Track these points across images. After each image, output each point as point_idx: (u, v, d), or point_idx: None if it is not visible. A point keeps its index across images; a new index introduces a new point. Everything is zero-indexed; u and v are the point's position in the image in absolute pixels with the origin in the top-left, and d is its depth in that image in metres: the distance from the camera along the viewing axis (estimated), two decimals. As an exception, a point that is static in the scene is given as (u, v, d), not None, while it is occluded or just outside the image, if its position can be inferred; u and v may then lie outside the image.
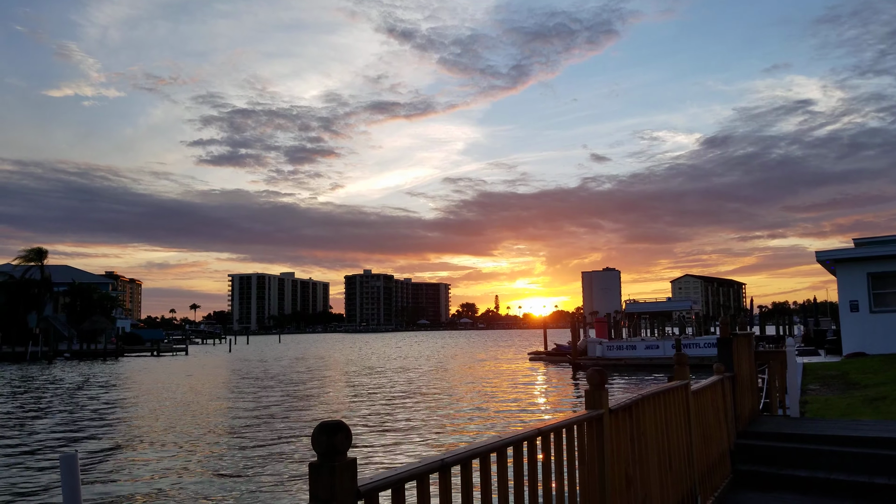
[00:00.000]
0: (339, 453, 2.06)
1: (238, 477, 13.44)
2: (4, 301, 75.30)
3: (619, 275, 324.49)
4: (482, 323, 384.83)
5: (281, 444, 17.08)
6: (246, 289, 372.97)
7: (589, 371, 4.35)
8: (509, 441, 3.17)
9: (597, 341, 45.45)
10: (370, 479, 2.25)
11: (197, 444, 17.34)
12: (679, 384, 6.22)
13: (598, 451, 4.16)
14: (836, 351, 31.59)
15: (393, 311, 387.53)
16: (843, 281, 27.06)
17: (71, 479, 3.40)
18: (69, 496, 3.44)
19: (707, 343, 38.82)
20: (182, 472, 13.92)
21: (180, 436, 18.64)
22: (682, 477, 6.00)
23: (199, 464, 14.78)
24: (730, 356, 9.01)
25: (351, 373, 44.22)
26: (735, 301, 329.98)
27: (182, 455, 15.81)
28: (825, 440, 8.52)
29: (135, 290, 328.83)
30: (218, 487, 12.65)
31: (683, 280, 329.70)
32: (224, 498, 11.89)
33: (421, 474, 2.51)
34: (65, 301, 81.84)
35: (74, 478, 3.44)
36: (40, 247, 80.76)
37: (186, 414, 23.43)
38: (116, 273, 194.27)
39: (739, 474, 8.18)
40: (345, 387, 33.83)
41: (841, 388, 15.05)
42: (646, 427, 5.11)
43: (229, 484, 12.87)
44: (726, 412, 8.29)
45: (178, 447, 16.87)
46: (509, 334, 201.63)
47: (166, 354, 77.49)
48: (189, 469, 14.26)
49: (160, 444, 17.45)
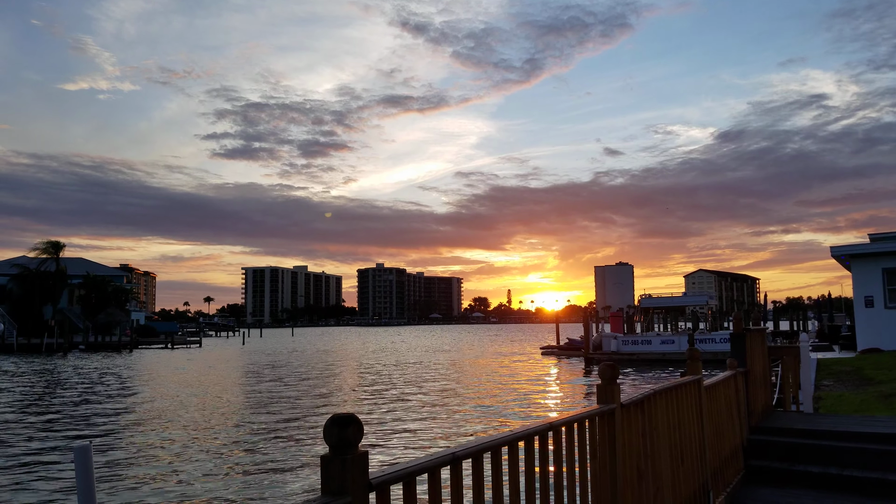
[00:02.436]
0: (350, 446, 2.06)
1: (251, 468, 13.53)
2: (20, 293, 76.04)
3: (632, 269, 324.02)
4: (494, 317, 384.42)
5: (294, 435, 17.17)
6: (259, 282, 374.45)
7: (601, 366, 4.35)
8: (520, 435, 3.17)
9: (612, 336, 45.28)
10: (381, 471, 2.26)
11: (211, 434, 17.46)
12: (691, 379, 6.20)
13: (609, 446, 4.16)
14: (850, 347, 31.38)
15: (405, 305, 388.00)
16: (858, 276, 26.86)
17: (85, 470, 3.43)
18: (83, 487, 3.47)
19: (723, 338, 38.62)
20: (194, 463, 14.02)
21: (194, 427, 18.77)
22: (693, 472, 5.98)
23: (212, 454, 14.88)
24: (743, 351, 8.97)
25: (367, 365, 44.37)
26: (749, 296, 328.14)
27: (195, 445, 15.92)
28: (838, 436, 8.47)
29: (149, 283, 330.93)
30: (231, 479, 12.74)
31: (697, 275, 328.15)
32: (237, 489, 11.97)
33: (432, 468, 2.51)
34: (80, 293, 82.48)
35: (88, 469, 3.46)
36: (57, 240, 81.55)
37: (201, 405, 23.58)
38: (131, 266, 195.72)
39: (752, 470, 8.15)
40: (359, 379, 33.94)
41: (855, 384, 14.95)
42: (658, 422, 5.10)
43: (242, 475, 12.96)
44: (739, 407, 8.25)
45: (191, 438, 17.00)
46: (521, 328, 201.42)
47: (180, 347, 77.98)
48: (202, 460, 14.36)
49: (174, 434, 17.57)
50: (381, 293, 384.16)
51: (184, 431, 18.18)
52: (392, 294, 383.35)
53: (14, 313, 72.20)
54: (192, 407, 23.34)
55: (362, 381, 32.97)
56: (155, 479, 12.77)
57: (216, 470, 13.51)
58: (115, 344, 71.36)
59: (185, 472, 13.31)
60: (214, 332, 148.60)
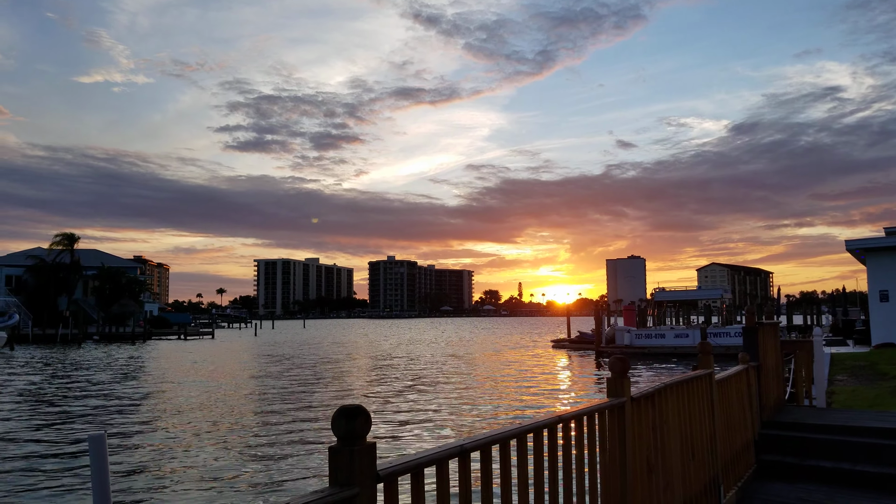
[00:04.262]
0: (358, 437, 2.07)
1: (260, 458, 13.60)
2: (36, 284, 76.77)
3: (644, 263, 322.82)
4: (505, 310, 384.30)
5: (305, 426, 17.24)
6: (271, 274, 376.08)
7: (611, 359, 4.34)
8: (530, 428, 3.17)
9: (625, 329, 45.11)
10: (389, 463, 2.26)
11: (223, 424, 17.55)
12: (703, 373, 6.18)
13: (619, 439, 4.15)
14: (864, 341, 31.12)
15: (416, 298, 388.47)
16: (874, 270, 26.63)
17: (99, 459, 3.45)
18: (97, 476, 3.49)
19: (737, 332, 38.37)
20: (207, 452, 14.11)
21: (207, 416, 18.87)
22: (704, 466, 5.96)
23: (224, 444, 14.97)
24: (755, 345, 8.92)
25: (379, 358, 44.48)
26: (762, 290, 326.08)
27: (208, 435, 16.02)
28: (851, 431, 8.41)
29: (162, 275, 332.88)
30: (242, 468, 12.82)
31: (709, 268, 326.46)
32: (246, 478, 12.05)
33: (440, 459, 2.51)
34: (94, 285, 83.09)
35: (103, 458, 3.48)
36: (72, 232, 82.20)
37: (215, 395, 23.72)
38: (144, 257, 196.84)
39: (763, 464, 8.12)
40: (370, 372, 34.04)
41: (869, 378, 14.85)
42: (668, 416, 5.08)
43: (252, 465, 13.04)
44: (751, 402, 8.21)
45: (204, 427, 17.10)
46: (532, 322, 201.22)
47: (193, 338, 78.47)
48: (214, 449, 14.45)
49: (187, 423, 17.69)
50: (391, 286, 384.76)
51: (196, 422, 18.29)
52: (403, 287, 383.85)
53: (29, 304, 72.85)
54: (205, 397, 23.47)
55: (373, 373, 33.06)
56: (168, 469, 12.87)
57: (226, 459, 13.59)
58: (129, 335, 71.89)
59: (196, 462, 13.40)
60: (227, 323, 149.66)
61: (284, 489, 11.39)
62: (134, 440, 15.77)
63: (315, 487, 11.26)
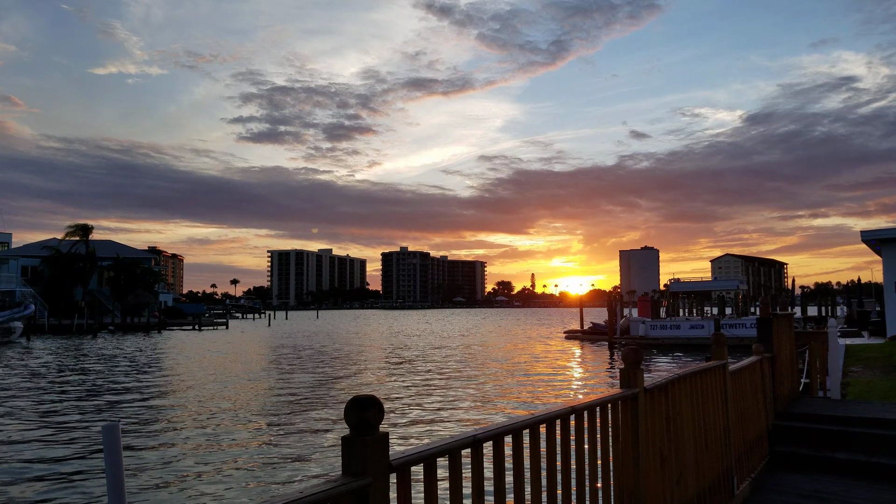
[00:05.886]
0: (371, 427, 2.07)
1: (274, 447, 13.69)
2: (51, 275, 77.43)
3: (658, 254, 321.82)
4: (518, 301, 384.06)
5: (319, 415, 17.33)
6: (285, 265, 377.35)
7: (624, 350, 4.33)
8: (542, 418, 3.16)
9: (640, 320, 44.98)
10: (402, 453, 2.27)
11: (237, 414, 17.67)
12: (716, 364, 6.15)
13: (632, 430, 4.14)
14: (880, 333, 30.86)
15: (429, 289, 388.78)
16: (889, 261, 26.38)
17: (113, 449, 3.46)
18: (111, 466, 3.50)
19: (753, 324, 38.17)
20: (220, 442, 14.22)
21: (221, 406, 19.01)
22: (717, 457, 5.94)
23: (237, 434, 15.07)
24: (769, 336, 8.87)
25: (393, 348, 44.61)
26: (776, 281, 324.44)
27: (222, 425, 16.14)
28: (866, 423, 8.35)
29: (176, 265, 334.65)
30: (254, 458, 12.90)
31: (724, 259, 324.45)
32: (261, 468, 12.13)
33: (453, 450, 2.52)
34: (109, 275, 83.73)
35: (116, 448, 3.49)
36: (86, 223, 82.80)
37: (229, 385, 23.87)
38: (159, 248, 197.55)
39: (777, 455, 8.08)
40: (384, 362, 34.14)
41: (884, 370, 14.73)
42: (681, 407, 5.06)
43: (265, 455, 13.12)
44: (765, 393, 8.17)
45: (218, 417, 17.22)
46: (545, 312, 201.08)
47: (207, 328, 78.98)
48: (227, 439, 14.55)
49: (200, 413, 17.82)
50: (404, 277, 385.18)
51: (210, 412, 18.42)
52: (416, 277, 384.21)
53: (45, 295, 73.53)
54: (220, 387, 23.63)
55: (387, 364, 33.16)
56: (180, 459, 12.98)
57: (240, 449, 13.68)
58: (144, 325, 72.47)
59: (208, 454, 13.50)
60: (241, 314, 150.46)
61: (300, 478, 11.45)
62: (149, 428, 15.90)
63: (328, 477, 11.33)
